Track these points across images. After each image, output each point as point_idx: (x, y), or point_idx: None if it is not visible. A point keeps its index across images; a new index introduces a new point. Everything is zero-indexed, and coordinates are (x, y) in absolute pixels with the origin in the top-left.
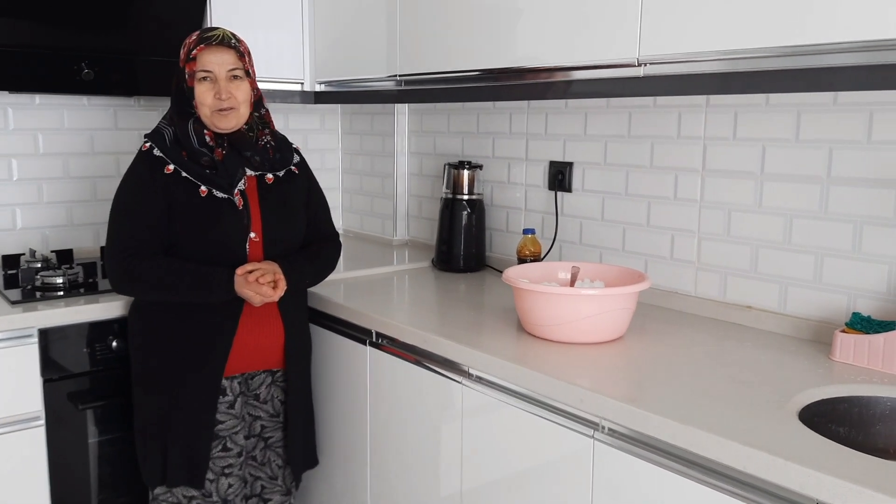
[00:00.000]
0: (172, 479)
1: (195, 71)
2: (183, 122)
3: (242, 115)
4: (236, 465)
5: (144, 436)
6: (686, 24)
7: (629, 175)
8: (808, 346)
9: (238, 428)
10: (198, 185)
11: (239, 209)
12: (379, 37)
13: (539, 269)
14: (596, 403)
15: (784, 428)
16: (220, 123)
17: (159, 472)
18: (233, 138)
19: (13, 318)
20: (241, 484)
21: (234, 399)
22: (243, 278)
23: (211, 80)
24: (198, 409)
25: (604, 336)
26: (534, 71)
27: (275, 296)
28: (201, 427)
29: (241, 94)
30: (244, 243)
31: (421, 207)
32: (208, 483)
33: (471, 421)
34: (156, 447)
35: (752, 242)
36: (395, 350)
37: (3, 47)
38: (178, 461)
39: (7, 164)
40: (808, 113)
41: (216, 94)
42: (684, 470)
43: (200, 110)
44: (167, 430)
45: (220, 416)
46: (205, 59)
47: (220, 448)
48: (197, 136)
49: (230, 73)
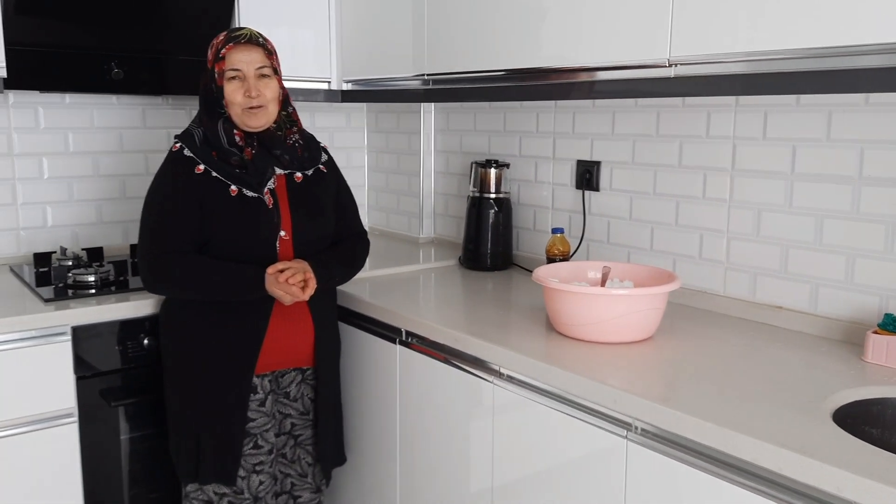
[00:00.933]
0: (204, 476)
1: (224, 70)
2: (212, 123)
3: (272, 112)
4: (267, 462)
5: (177, 433)
6: (716, 26)
7: (657, 174)
8: (840, 347)
9: (269, 426)
10: (228, 184)
11: (269, 208)
12: (405, 36)
13: (568, 269)
14: (630, 404)
15: (819, 430)
16: (251, 122)
17: (192, 468)
18: (262, 137)
19: (47, 316)
20: (271, 481)
21: (264, 397)
22: (274, 277)
23: (240, 78)
24: (230, 406)
25: (634, 336)
26: (563, 71)
27: (304, 296)
28: (233, 425)
29: (269, 91)
30: (274, 242)
31: (447, 205)
32: (239, 480)
33: (501, 420)
34: (188, 444)
35: (783, 242)
36: (425, 349)
37: (34, 47)
38: (211, 458)
39: (38, 163)
40: (840, 113)
41: (245, 93)
42: (718, 471)
43: (230, 109)
44: (199, 427)
45: (252, 414)
46: (233, 57)
47: (252, 446)
48: (227, 135)
49: (258, 72)
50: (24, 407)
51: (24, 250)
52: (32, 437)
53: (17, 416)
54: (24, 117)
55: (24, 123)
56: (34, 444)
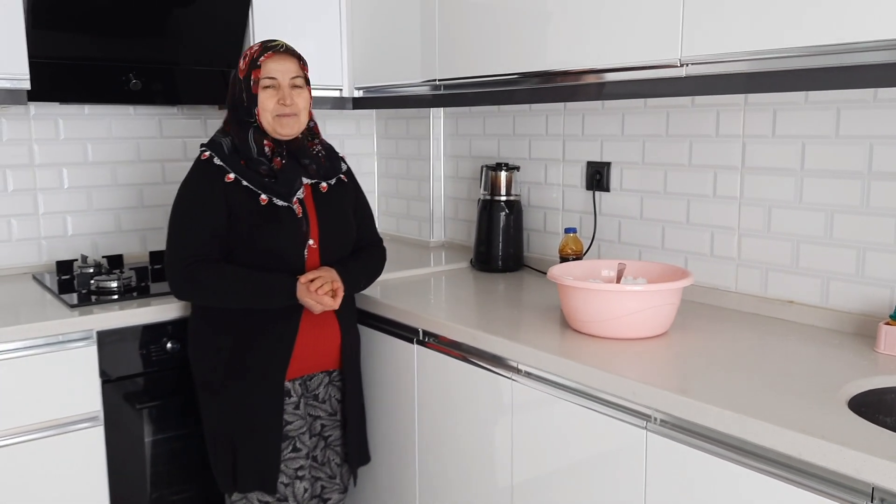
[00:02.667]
0: (244, 485)
1: (260, 78)
2: (242, 132)
3: (302, 121)
4: (306, 466)
5: (214, 442)
6: (726, 25)
7: (668, 174)
8: (852, 340)
9: (304, 428)
10: (258, 193)
11: (298, 217)
12: (415, 42)
13: (582, 267)
14: (649, 395)
15: (835, 417)
16: (282, 129)
17: (231, 477)
18: (291, 146)
19: (73, 321)
20: (311, 486)
21: (297, 400)
22: (305, 287)
23: (274, 87)
24: (265, 411)
25: (649, 331)
26: (574, 73)
27: (334, 305)
28: (270, 430)
29: (302, 101)
30: (303, 250)
31: (457, 209)
32: (283, 487)
33: (520, 416)
34: (225, 453)
35: (793, 238)
36: (443, 348)
37: (55, 60)
38: (249, 465)
39: (58, 173)
40: (848, 109)
41: (279, 100)
42: (737, 458)
43: (262, 117)
44: (235, 434)
45: (288, 417)
46: (270, 66)
47: (291, 449)
48: (256, 144)
49: (292, 81)
50: (50, 411)
51: (45, 259)
52: (59, 441)
53: (44, 419)
54: (45, 129)
55: (45, 135)
56: (61, 447)
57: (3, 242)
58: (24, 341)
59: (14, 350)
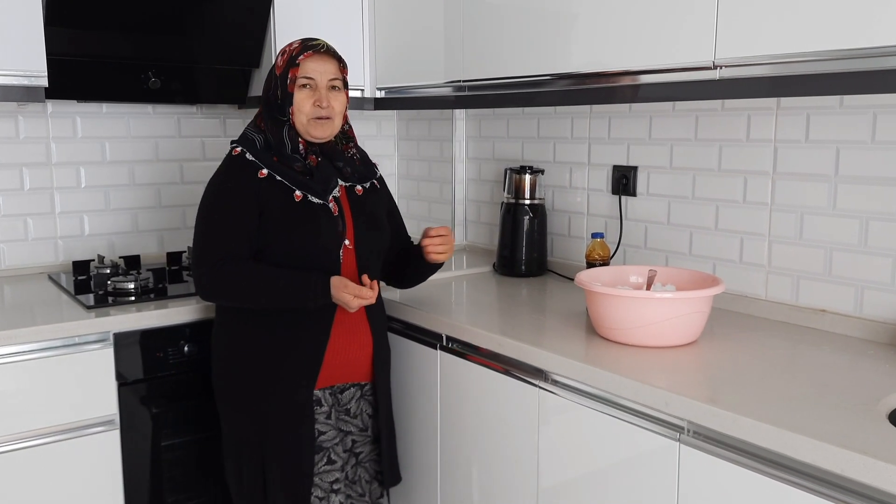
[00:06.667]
0: (275, 500)
1: (297, 77)
2: (277, 129)
3: (336, 125)
4: (342, 479)
5: (238, 457)
6: (761, 27)
7: (696, 178)
8: (887, 350)
9: (337, 440)
10: (292, 189)
11: (334, 215)
12: (438, 43)
13: (610, 273)
14: (682, 406)
15: (876, 431)
16: (315, 132)
17: (260, 495)
18: (325, 148)
19: (90, 323)
20: (345, 501)
21: (329, 410)
22: (340, 283)
23: (311, 87)
24: (296, 422)
25: (679, 340)
26: (609, 75)
27: (372, 298)
28: (302, 441)
29: (338, 104)
30: (338, 250)
31: (480, 212)
32: (318, 501)
33: (547, 424)
34: (253, 468)
35: (826, 245)
36: (467, 354)
37: (72, 57)
38: (280, 480)
39: (76, 172)
40: (885, 114)
41: (315, 102)
42: (772, 472)
43: (296, 117)
44: (265, 448)
45: (321, 427)
46: (308, 66)
47: (325, 461)
48: (291, 142)
49: (330, 83)
50: (66, 414)
51: (61, 259)
52: (74, 445)
53: (59, 423)
54: (63, 127)
55: (63, 133)
56: (76, 451)
57: (19, 242)
58: (40, 343)
59: (29, 352)
